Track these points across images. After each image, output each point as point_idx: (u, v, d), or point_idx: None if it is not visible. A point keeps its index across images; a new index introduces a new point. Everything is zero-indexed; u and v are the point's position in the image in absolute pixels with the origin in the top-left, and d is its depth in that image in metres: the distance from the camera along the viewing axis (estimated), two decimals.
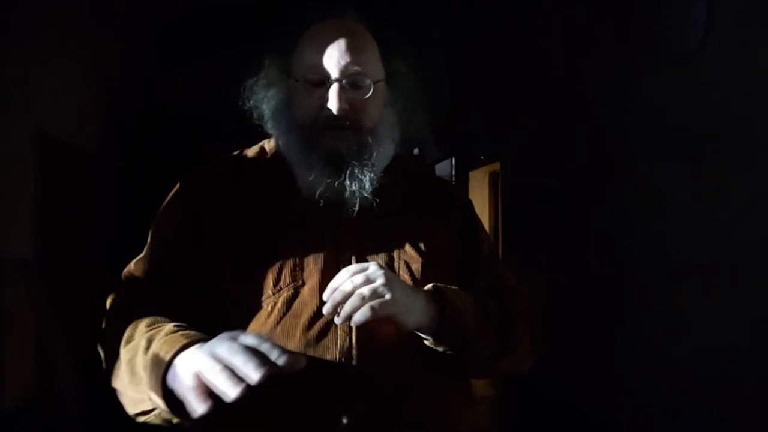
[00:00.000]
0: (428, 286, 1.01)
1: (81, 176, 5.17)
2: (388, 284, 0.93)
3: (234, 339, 0.84)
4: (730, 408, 3.04)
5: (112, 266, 1.06)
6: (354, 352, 0.94)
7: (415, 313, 0.96)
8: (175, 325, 0.96)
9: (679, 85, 3.42)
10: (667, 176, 3.59)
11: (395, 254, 1.07)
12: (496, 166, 6.64)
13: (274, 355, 0.81)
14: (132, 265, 1.07)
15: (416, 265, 1.07)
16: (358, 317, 0.90)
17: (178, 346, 0.90)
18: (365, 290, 0.91)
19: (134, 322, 0.98)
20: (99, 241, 5.42)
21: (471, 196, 7.26)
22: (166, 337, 0.92)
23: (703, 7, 3.22)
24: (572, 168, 4.77)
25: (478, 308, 1.02)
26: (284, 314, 1.01)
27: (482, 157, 6.90)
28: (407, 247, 1.08)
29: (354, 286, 0.92)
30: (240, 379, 0.80)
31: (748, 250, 2.92)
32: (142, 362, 0.91)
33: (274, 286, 1.02)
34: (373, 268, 0.95)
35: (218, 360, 0.81)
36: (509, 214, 6.19)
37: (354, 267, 0.96)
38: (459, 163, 7.46)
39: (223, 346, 0.83)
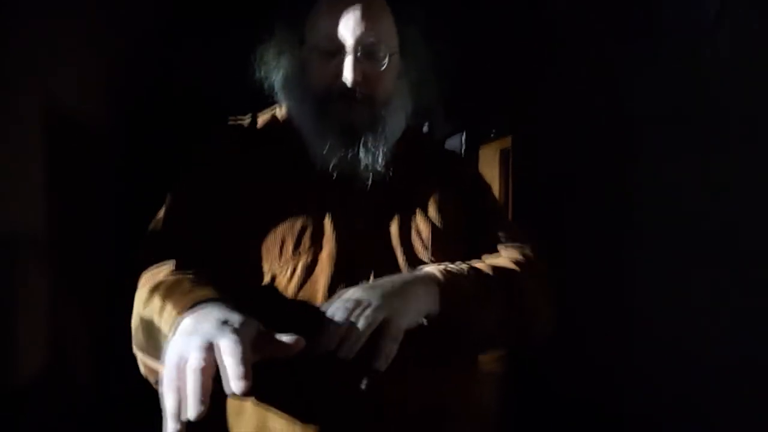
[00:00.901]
0: (425, 270, 0.98)
1: (90, 152, 5.17)
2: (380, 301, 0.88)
3: (217, 334, 0.76)
4: (735, 401, 3.04)
5: (123, 240, 1.05)
6: None
7: (411, 313, 0.94)
8: (191, 281, 0.93)
9: (695, 65, 3.38)
10: (683, 155, 3.55)
11: (407, 223, 1.06)
12: (507, 142, 6.58)
13: (233, 375, 0.74)
14: (152, 226, 1.07)
15: (426, 233, 1.06)
16: (383, 363, 0.86)
17: (179, 316, 0.86)
18: (361, 323, 0.86)
19: (154, 283, 0.97)
20: (110, 215, 5.44)
21: (481, 173, 7.23)
22: (175, 301, 0.88)
23: None
24: (585, 145, 4.73)
25: (480, 285, 1.01)
26: (304, 280, 1.00)
27: (493, 133, 6.85)
28: (418, 215, 1.07)
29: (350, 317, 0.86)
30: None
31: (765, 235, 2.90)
32: (157, 326, 0.89)
33: (294, 251, 1.01)
34: (358, 294, 0.89)
35: (177, 371, 0.76)
36: (520, 192, 6.16)
37: (341, 303, 0.89)
38: (469, 139, 7.41)
39: (193, 349, 0.77)
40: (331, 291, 0.96)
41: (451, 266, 0.92)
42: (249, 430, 0.99)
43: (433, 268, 0.91)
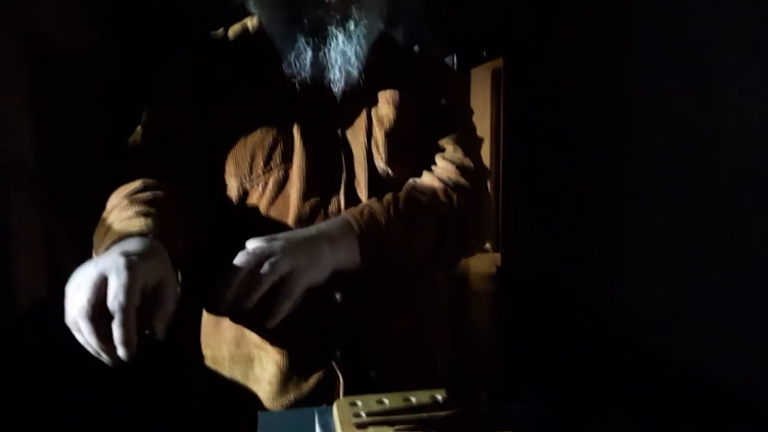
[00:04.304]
0: (344, 219, 0.95)
1: (77, 77, 5.10)
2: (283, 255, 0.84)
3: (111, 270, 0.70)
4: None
5: (113, 164, 1.05)
6: None
7: (317, 268, 0.88)
8: (137, 210, 0.88)
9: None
10: (673, 76, 3.54)
11: (371, 133, 1.05)
12: (498, 62, 6.50)
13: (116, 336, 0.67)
14: (129, 141, 1.05)
15: (383, 145, 1.03)
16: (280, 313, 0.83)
17: (108, 242, 0.82)
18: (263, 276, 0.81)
19: (110, 206, 0.93)
20: (99, 140, 5.40)
21: (473, 95, 7.16)
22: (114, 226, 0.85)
23: None
24: (577, 65, 4.69)
25: (404, 222, 0.97)
26: (275, 194, 1.00)
27: (485, 54, 6.75)
28: (378, 125, 1.05)
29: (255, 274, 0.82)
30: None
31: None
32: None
33: (265, 166, 1.01)
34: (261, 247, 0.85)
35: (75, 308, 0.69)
36: (511, 113, 6.13)
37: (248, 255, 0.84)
38: (461, 60, 7.31)
39: (84, 289, 0.69)
40: (303, 205, 0.97)
41: (374, 206, 0.90)
42: (227, 340, 1.02)
43: (352, 216, 0.89)
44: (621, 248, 4.09)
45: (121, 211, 0.88)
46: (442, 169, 1.05)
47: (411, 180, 1.03)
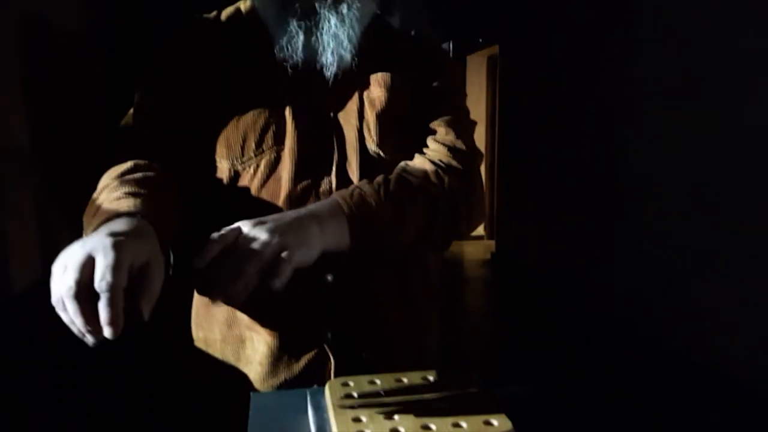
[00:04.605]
0: (334, 200, 0.94)
1: (70, 59, 5.07)
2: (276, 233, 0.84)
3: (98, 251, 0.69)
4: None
5: (109, 147, 1.04)
6: None
7: (306, 249, 0.88)
8: (126, 191, 0.88)
9: None
10: (671, 64, 3.54)
11: (363, 116, 1.05)
12: (494, 49, 6.48)
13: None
14: (122, 123, 1.05)
15: (374, 127, 1.03)
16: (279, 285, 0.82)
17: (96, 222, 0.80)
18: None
19: (100, 186, 0.92)
20: (95, 122, 5.39)
21: (468, 82, 7.13)
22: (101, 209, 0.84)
23: None
24: (573, 52, 4.68)
25: (395, 204, 0.97)
26: (267, 176, 1.00)
27: (480, 40, 6.73)
28: (369, 107, 1.05)
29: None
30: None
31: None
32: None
33: (256, 148, 1.01)
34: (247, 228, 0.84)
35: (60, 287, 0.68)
36: (507, 100, 6.13)
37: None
38: (456, 47, 7.28)
39: (71, 269, 0.68)
40: (294, 188, 0.97)
41: (364, 187, 0.90)
42: (219, 322, 1.02)
43: (341, 197, 0.88)
44: (614, 237, 4.11)
45: (111, 191, 0.88)
46: (433, 151, 1.05)
47: (402, 162, 1.03)
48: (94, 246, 0.70)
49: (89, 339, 0.69)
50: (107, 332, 0.67)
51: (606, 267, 4.19)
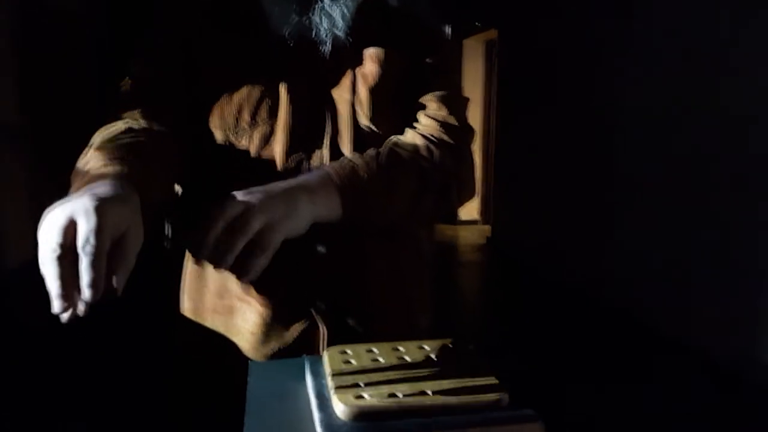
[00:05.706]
0: (325, 171, 0.95)
1: (63, 35, 5.03)
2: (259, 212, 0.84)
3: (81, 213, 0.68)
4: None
5: (102, 123, 1.04)
6: None
7: (295, 221, 0.88)
8: (115, 154, 0.87)
9: None
10: (669, 46, 3.54)
11: (355, 90, 1.05)
12: (491, 34, 6.46)
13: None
14: (121, 85, 1.05)
15: (366, 101, 1.04)
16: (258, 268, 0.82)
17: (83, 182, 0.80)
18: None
19: (89, 146, 0.92)
20: (88, 97, 5.36)
21: (465, 67, 7.12)
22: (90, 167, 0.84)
23: None
24: (570, 37, 4.67)
25: (386, 177, 0.98)
26: (260, 149, 1.01)
27: (478, 24, 6.70)
28: (362, 81, 1.05)
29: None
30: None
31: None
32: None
33: (251, 121, 1.01)
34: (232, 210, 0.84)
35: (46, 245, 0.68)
36: (505, 85, 6.12)
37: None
38: (453, 31, 7.25)
39: (54, 230, 0.68)
40: (287, 161, 0.98)
41: (355, 160, 0.91)
42: (210, 291, 1.04)
43: (332, 169, 0.89)
44: (609, 222, 4.13)
45: (98, 152, 0.87)
46: (425, 126, 1.06)
47: (394, 136, 1.04)
48: (75, 209, 0.69)
49: (58, 305, 0.68)
50: (87, 294, 0.66)
51: (600, 252, 4.21)
